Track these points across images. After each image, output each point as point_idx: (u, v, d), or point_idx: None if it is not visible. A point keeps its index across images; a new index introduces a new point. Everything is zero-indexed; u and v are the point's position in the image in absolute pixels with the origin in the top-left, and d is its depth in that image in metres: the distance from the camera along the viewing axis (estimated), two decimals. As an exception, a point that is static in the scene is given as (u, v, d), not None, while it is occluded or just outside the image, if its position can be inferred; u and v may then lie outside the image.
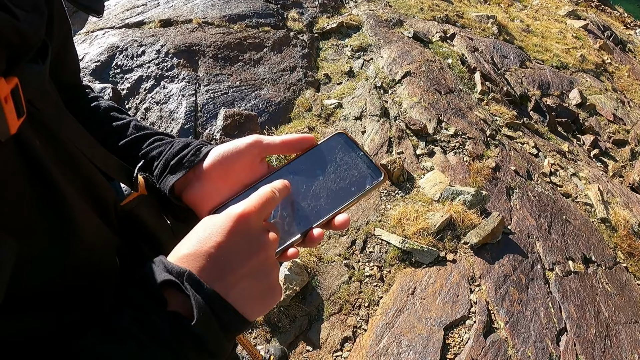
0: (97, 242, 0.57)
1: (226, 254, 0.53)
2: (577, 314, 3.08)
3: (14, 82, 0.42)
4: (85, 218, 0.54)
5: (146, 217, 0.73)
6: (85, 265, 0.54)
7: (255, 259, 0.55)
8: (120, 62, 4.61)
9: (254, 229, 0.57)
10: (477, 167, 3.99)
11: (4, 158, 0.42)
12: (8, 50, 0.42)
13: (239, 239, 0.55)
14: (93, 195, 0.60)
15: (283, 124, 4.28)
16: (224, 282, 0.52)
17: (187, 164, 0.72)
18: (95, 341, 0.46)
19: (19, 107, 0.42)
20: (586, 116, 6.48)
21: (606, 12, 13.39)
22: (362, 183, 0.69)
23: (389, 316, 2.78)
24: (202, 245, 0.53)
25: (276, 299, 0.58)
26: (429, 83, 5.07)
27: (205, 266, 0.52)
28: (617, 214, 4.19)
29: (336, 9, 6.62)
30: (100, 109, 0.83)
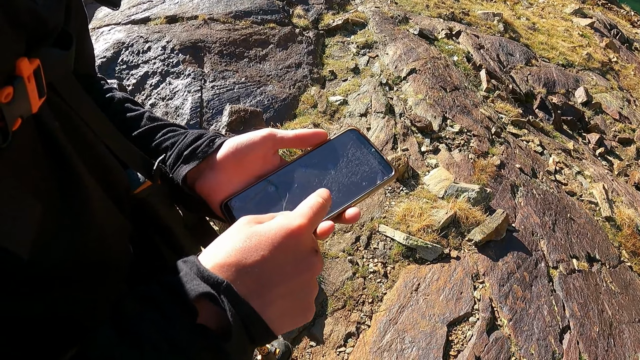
0: (110, 226, 0.58)
1: (270, 269, 0.50)
2: (581, 312, 3.08)
3: (36, 63, 0.43)
4: (99, 201, 0.55)
5: (158, 206, 0.74)
6: (97, 247, 0.54)
7: (298, 279, 0.53)
8: (126, 58, 4.62)
9: (304, 247, 0.54)
10: (481, 164, 3.99)
11: (25, 135, 0.43)
12: (26, 32, 0.43)
13: (286, 256, 0.52)
14: (107, 180, 0.61)
15: (288, 120, 4.29)
16: (262, 299, 0.50)
17: (200, 154, 0.72)
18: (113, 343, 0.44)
19: (40, 88, 0.44)
20: (592, 115, 6.45)
21: (613, 10, 13.33)
22: (373, 178, 0.70)
23: (393, 312, 2.79)
24: (246, 256, 0.50)
25: (308, 318, 0.56)
26: (434, 80, 5.07)
27: (245, 280, 0.49)
28: (622, 212, 4.18)
29: (342, 5, 6.61)
30: (114, 99, 0.84)
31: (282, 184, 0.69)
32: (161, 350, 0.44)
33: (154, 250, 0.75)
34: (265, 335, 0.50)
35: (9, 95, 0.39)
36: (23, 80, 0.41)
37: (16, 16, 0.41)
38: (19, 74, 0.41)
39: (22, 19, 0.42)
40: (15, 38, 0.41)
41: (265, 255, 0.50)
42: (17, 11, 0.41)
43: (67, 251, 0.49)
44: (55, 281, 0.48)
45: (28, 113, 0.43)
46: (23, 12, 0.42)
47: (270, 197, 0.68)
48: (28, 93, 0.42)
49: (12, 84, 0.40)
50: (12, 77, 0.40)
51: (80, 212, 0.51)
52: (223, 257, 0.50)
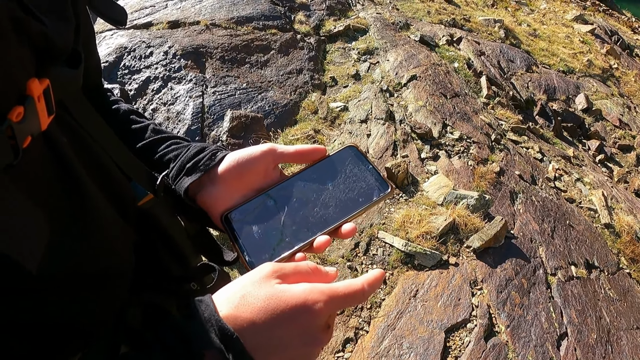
0: (115, 235, 0.60)
1: (279, 337, 0.51)
2: (579, 319, 3.09)
3: (45, 83, 0.45)
4: (104, 211, 0.58)
5: (161, 216, 0.77)
6: (102, 256, 0.56)
7: (302, 350, 0.53)
8: (128, 63, 4.65)
9: (319, 325, 0.54)
10: (481, 171, 4.01)
11: (35, 152, 0.45)
12: (38, 54, 0.45)
13: (298, 330, 0.52)
14: (113, 192, 0.63)
15: (289, 126, 4.31)
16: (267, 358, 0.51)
17: (202, 167, 0.74)
18: None
19: (49, 106, 0.46)
20: (592, 121, 6.47)
21: (614, 16, 13.35)
22: (370, 194, 0.71)
23: (391, 318, 2.80)
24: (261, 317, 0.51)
25: None
26: (434, 87, 5.09)
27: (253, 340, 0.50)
28: (621, 219, 4.19)
29: (343, 12, 6.65)
30: (120, 111, 0.86)
31: (281, 198, 0.71)
32: None
33: (156, 259, 0.78)
34: None
35: (20, 114, 0.41)
36: (33, 100, 0.43)
37: (28, 39, 0.43)
38: (29, 94, 0.43)
39: (33, 42, 0.44)
40: (27, 60, 0.43)
41: (278, 323, 0.51)
42: (29, 34, 0.43)
43: (72, 259, 0.51)
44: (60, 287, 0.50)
45: (38, 131, 0.45)
46: (35, 34, 0.44)
47: (269, 210, 0.70)
48: (38, 112, 0.44)
49: (23, 103, 0.41)
50: (23, 97, 0.42)
51: (86, 223, 0.53)
52: (239, 308, 0.52)
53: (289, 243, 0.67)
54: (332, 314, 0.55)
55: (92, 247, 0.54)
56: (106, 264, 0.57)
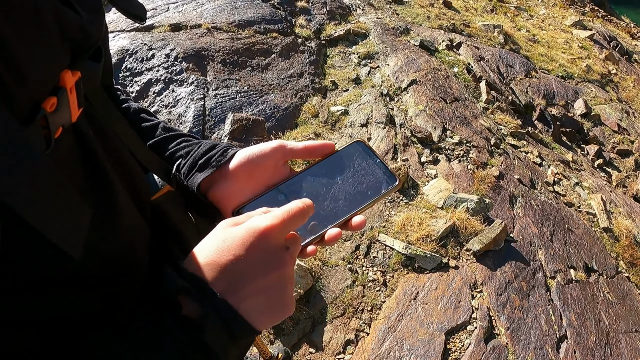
0: (134, 230, 0.61)
1: (243, 267, 0.54)
2: (578, 321, 3.11)
3: (77, 75, 0.46)
4: (126, 204, 0.59)
5: (173, 212, 0.78)
6: (122, 251, 0.57)
7: (271, 275, 0.56)
8: (130, 65, 4.67)
9: (274, 245, 0.57)
10: (481, 175, 4.03)
11: (66, 143, 0.47)
12: (73, 45, 0.46)
13: (257, 254, 0.55)
14: (132, 185, 0.64)
15: (290, 129, 4.33)
16: (237, 295, 0.54)
17: (214, 164, 0.76)
18: (108, 337, 0.49)
19: (79, 98, 0.47)
20: (591, 126, 6.50)
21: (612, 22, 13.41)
22: (378, 187, 0.73)
23: (392, 320, 2.81)
24: (220, 256, 0.55)
25: (287, 313, 0.59)
26: (434, 91, 5.11)
27: (220, 277, 0.54)
28: (620, 223, 4.21)
29: (344, 16, 6.67)
30: (130, 110, 0.87)
31: (291, 193, 0.72)
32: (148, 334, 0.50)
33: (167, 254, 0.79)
34: (244, 329, 0.54)
35: (53, 105, 0.42)
36: (66, 92, 0.44)
37: (66, 30, 0.44)
38: (62, 85, 0.44)
39: (71, 34, 0.45)
40: (64, 51, 0.44)
41: (238, 254, 0.55)
42: (68, 25, 0.44)
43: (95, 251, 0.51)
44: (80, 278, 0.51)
45: (69, 122, 0.46)
46: (73, 26, 0.45)
47: (280, 205, 0.72)
48: (70, 103, 0.45)
49: (56, 94, 0.42)
50: (56, 88, 0.43)
51: (111, 214, 0.54)
52: (201, 258, 0.56)
53: (301, 236, 0.68)
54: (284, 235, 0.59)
55: (115, 241, 0.55)
56: (127, 258, 0.58)
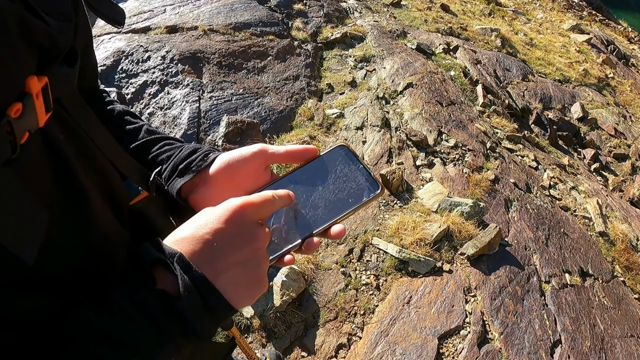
0: (110, 235, 0.61)
1: (219, 240, 0.56)
2: (573, 326, 3.10)
3: (44, 80, 0.46)
4: (100, 211, 0.58)
5: (153, 216, 0.78)
6: (97, 255, 0.57)
7: (246, 249, 0.57)
8: (125, 67, 4.66)
9: (249, 221, 0.59)
10: (476, 179, 4.02)
11: (32, 148, 0.46)
12: (39, 52, 0.46)
13: (233, 228, 0.57)
14: (108, 191, 0.64)
15: (285, 132, 4.32)
16: (214, 267, 0.55)
17: (194, 168, 0.76)
18: (86, 311, 0.50)
19: (47, 103, 0.47)
20: (587, 130, 6.49)
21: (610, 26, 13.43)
22: (360, 195, 0.72)
23: (384, 324, 2.80)
24: (198, 230, 0.56)
25: (262, 289, 0.60)
26: (430, 95, 5.11)
27: (197, 250, 0.55)
28: (616, 227, 4.20)
29: (341, 19, 6.67)
30: (114, 112, 0.87)
31: None
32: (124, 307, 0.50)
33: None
34: (221, 304, 0.54)
35: (18, 110, 0.42)
36: (32, 97, 0.44)
37: (32, 37, 0.44)
38: (28, 91, 0.44)
39: (37, 40, 0.45)
40: (29, 57, 0.44)
41: (215, 228, 0.56)
42: (33, 32, 0.44)
43: (70, 257, 0.52)
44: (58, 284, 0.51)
45: (35, 127, 0.46)
46: (39, 33, 0.45)
47: None
48: (36, 109, 0.45)
49: (21, 100, 0.43)
50: (22, 94, 0.43)
51: (83, 220, 0.54)
52: (181, 233, 0.57)
53: (277, 245, 0.67)
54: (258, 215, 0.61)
55: (88, 247, 0.55)
56: (103, 264, 0.58)
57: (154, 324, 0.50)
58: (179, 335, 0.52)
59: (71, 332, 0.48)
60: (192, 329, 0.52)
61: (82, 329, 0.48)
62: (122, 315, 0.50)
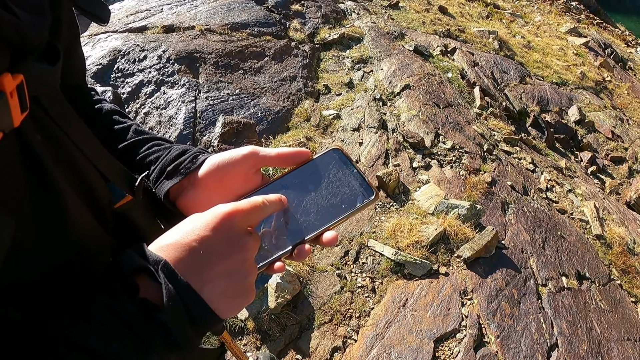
0: (90, 240, 0.58)
1: (206, 249, 0.54)
2: (569, 329, 3.08)
3: (19, 78, 0.44)
4: (79, 214, 0.56)
5: (139, 219, 0.75)
6: (77, 262, 0.55)
7: (234, 258, 0.55)
8: (121, 66, 4.64)
9: (237, 229, 0.57)
10: (473, 181, 4.00)
11: (5, 149, 0.44)
12: (11, 48, 0.44)
13: (220, 237, 0.55)
14: (88, 194, 0.61)
15: (281, 133, 4.30)
16: (200, 276, 0.53)
17: (183, 171, 0.74)
18: (64, 322, 0.47)
19: (22, 102, 0.45)
20: (585, 133, 6.50)
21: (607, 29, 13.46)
22: (353, 201, 0.69)
23: (380, 327, 2.78)
24: (184, 237, 0.54)
25: (249, 300, 0.58)
26: (428, 96, 5.09)
27: (182, 257, 0.53)
28: (613, 231, 4.19)
29: (338, 20, 6.66)
30: (102, 111, 0.84)
31: None
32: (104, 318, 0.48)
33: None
34: (205, 314, 0.52)
35: None
36: (5, 96, 0.42)
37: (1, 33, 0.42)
38: (1, 89, 0.42)
39: (6, 35, 0.43)
40: (1, 54, 0.42)
41: (202, 235, 0.54)
42: (1, 27, 0.42)
43: (46, 263, 0.50)
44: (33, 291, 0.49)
45: (10, 127, 0.43)
46: (7, 28, 0.43)
47: None
48: (10, 108, 0.43)
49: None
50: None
51: (59, 225, 0.52)
52: (164, 241, 0.55)
53: (267, 251, 0.65)
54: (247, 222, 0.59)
55: (66, 252, 0.53)
56: (83, 269, 0.56)
57: (135, 335, 0.48)
58: (161, 347, 0.49)
59: (48, 345, 0.46)
60: (175, 340, 0.50)
61: (59, 341, 0.46)
62: (102, 327, 0.47)
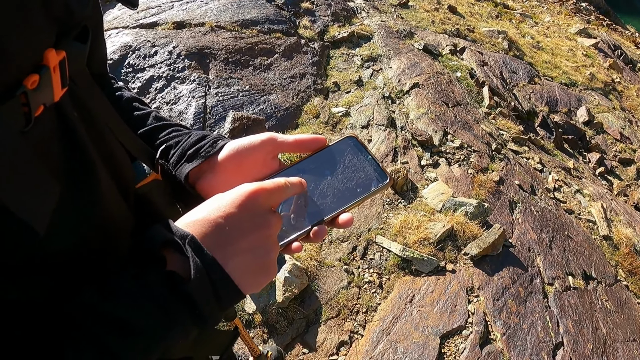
0: (116, 216, 0.60)
1: (231, 225, 0.55)
2: (575, 329, 3.09)
3: (62, 55, 0.46)
4: (108, 189, 0.58)
5: (158, 201, 0.77)
6: (102, 238, 0.56)
7: (257, 234, 0.57)
8: (132, 62, 4.67)
9: (261, 207, 0.58)
10: (481, 179, 4.01)
11: (46, 121, 0.46)
12: (58, 25, 0.46)
13: (245, 214, 0.57)
14: (116, 170, 0.63)
15: (290, 129, 4.32)
16: (225, 251, 0.54)
17: (203, 154, 0.75)
18: (91, 295, 0.48)
19: (63, 78, 0.47)
20: (593, 134, 6.48)
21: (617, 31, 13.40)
22: (368, 185, 0.72)
23: (386, 323, 2.80)
24: (210, 213, 0.56)
25: (270, 276, 0.59)
26: (436, 95, 5.10)
27: (208, 233, 0.54)
28: (620, 232, 4.19)
29: (348, 18, 6.67)
30: (123, 98, 0.87)
31: None
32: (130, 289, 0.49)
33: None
34: (230, 289, 0.54)
35: (34, 82, 0.41)
36: (49, 70, 0.44)
37: (51, 8, 0.44)
38: (46, 64, 0.43)
39: (56, 12, 0.45)
40: (48, 30, 0.44)
41: (227, 212, 0.56)
42: (53, 4, 0.44)
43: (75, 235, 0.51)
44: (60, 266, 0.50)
45: (50, 101, 0.45)
46: (58, 5, 0.45)
47: None
48: (52, 82, 0.45)
49: (39, 72, 0.42)
50: (39, 67, 0.43)
51: (91, 198, 0.53)
52: (193, 216, 0.57)
53: (286, 232, 0.67)
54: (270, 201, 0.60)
55: (94, 226, 0.54)
56: (105, 249, 0.57)
57: (161, 307, 0.49)
58: (186, 319, 0.51)
59: (73, 316, 0.47)
60: (200, 313, 0.51)
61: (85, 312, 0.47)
62: (128, 297, 0.49)
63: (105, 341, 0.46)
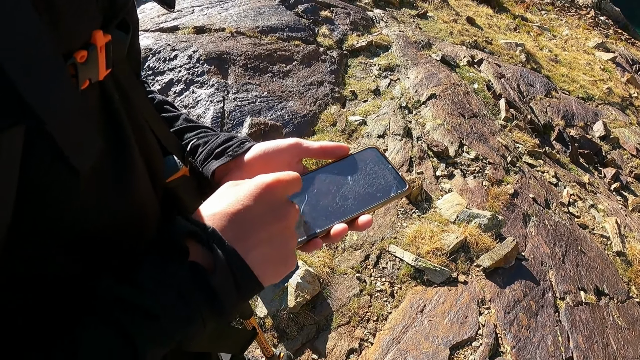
0: (146, 205, 0.62)
1: (250, 217, 0.57)
2: (585, 344, 3.08)
3: (108, 37, 0.50)
4: (141, 176, 0.60)
5: (185, 197, 0.79)
6: (132, 222, 0.58)
7: (276, 226, 0.58)
8: (152, 65, 4.74)
9: (279, 198, 0.60)
10: (495, 192, 4.02)
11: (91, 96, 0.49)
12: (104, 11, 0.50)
13: (263, 205, 0.58)
14: (149, 159, 0.65)
15: (307, 136, 4.35)
16: (245, 243, 0.56)
17: (230, 153, 0.79)
18: (114, 281, 0.50)
19: (108, 60, 0.50)
20: (609, 149, 6.45)
21: (635, 45, 13.31)
22: (388, 190, 0.75)
23: (397, 331, 2.81)
24: (229, 206, 0.57)
25: (289, 267, 0.61)
26: (453, 106, 5.12)
27: (229, 226, 0.55)
28: (634, 248, 4.17)
29: (367, 27, 6.70)
30: (154, 100, 0.91)
31: (303, 189, 0.73)
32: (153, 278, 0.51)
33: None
34: (250, 280, 0.55)
35: (83, 57, 0.45)
36: (96, 49, 0.47)
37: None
38: (94, 42, 0.47)
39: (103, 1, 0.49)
40: (96, 12, 0.48)
41: (246, 204, 0.57)
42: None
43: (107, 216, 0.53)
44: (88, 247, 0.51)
45: (95, 78, 0.49)
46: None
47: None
48: (99, 61, 0.48)
49: (87, 49, 0.46)
50: (87, 44, 0.47)
51: (126, 179, 0.55)
52: (212, 209, 0.58)
53: (308, 229, 0.70)
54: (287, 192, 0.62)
55: (123, 210, 0.55)
56: (135, 231, 0.59)
57: (183, 297, 0.51)
58: (207, 309, 0.52)
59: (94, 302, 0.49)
60: (221, 304, 0.53)
61: (106, 298, 0.49)
62: (151, 286, 0.50)
63: (123, 324, 0.48)
